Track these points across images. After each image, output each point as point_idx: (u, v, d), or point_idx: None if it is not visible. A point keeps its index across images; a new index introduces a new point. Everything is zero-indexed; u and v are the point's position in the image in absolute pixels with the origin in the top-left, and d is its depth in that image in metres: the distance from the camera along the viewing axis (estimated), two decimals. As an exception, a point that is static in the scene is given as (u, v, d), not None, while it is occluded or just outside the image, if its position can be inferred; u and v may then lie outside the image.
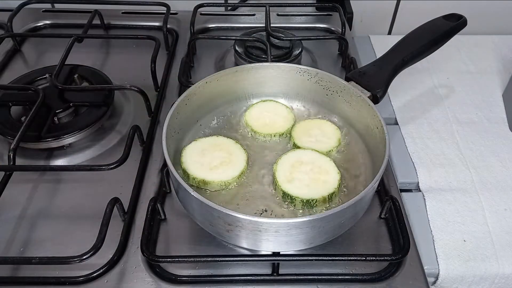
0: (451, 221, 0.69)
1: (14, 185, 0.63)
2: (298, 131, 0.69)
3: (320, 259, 0.56)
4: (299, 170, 0.61)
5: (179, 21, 1.04)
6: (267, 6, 0.97)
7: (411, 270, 0.57)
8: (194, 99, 0.67)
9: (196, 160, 0.63)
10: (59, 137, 0.71)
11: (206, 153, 0.64)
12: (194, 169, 0.61)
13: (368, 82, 0.67)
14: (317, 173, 0.61)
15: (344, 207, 0.49)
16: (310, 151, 0.65)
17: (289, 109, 0.73)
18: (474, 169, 0.77)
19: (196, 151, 0.64)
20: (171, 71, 0.89)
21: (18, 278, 0.56)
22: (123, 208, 0.61)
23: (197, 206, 0.53)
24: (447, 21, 0.73)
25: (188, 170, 0.61)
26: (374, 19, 1.15)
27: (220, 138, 0.67)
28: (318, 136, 0.68)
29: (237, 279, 0.56)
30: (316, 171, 0.61)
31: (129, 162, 0.64)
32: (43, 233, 0.61)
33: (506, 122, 0.86)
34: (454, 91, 0.93)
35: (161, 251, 0.59)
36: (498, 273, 0.64)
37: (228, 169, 0.62)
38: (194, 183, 0.61)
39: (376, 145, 0.62)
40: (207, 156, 0.63)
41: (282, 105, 0.73)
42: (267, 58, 0.82)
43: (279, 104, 0.73)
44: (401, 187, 0.73)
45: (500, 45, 1.06)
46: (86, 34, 0.91)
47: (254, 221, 0.49)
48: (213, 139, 0.67)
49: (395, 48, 0.71)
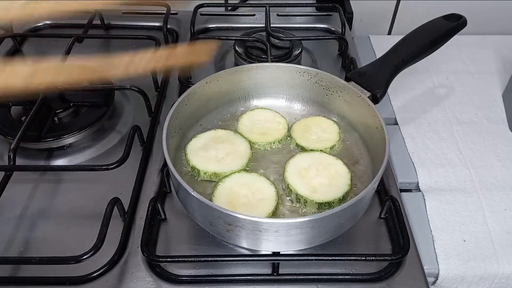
0: (451, 221, 0.69)
1: (14, 185, 0.63)
2: (298, 131, 0.69)
3: (320, 259, 0.56)
4: (310, 175, 0.61)
5: (179, 21, 1.04)
6: (267, 6, 0.97)
7: (411, 270, 0.57)
8: (194, 99, 0.67)
9: (202, 155, 0.64)
10: (59, 137, 0.71)
11: (209, 147, 0.65)
12: (203, 164, 0.62)
13: (368, 82, 0.67)
14: (329, 175, 0.62)
15: (344, 207, 0.50)
16: (317, 153, 0.65)
17: (278, 114, 0.72)
18: (474, 169, 0.77)
19: (199, 147, 0.65)
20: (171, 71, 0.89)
21: (18, 278, 0.56)
22: (123, 208, 0.61)
23: (197, 206, 0.53)
24: (447, 21, 0.73)
25: (198, 166, 0.62)
26: (374, 19, 1.15)
27: (219, 131, 0.68)
28: (318, 133, 0.69)
29: (237, 279, 0.56)
30: (327, 173, 0.62)
31: (129, 162, 0.64)
32: (43, 233, 0.61)
33: (506, 122, 0.86)
34: (454, 91, 0.93)
35: (161, 251, 0.59)
36: (498, 273, 0.64)
37: (235, 158, 0.64)
38: (205, 177, 0.62)
39: (376, 145, 0.62)
40: (212, 150, 0.64)
41: (270, 111, 0.73)
42: (267, 58, 0.82)
43: (268, 111, 0.73)
44: (401, 187, 0.73)
45: (500, 45, 1.06)
46: (86, 34, 0.91)
47: (254, 221, 0.49)
48: (212, 132, 0.68)
49: (395, 48, 0.71)
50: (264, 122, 0.71)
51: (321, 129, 0.69)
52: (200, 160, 0.63)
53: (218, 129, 0.69)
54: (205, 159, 0.63)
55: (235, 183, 0.60)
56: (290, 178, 0.61)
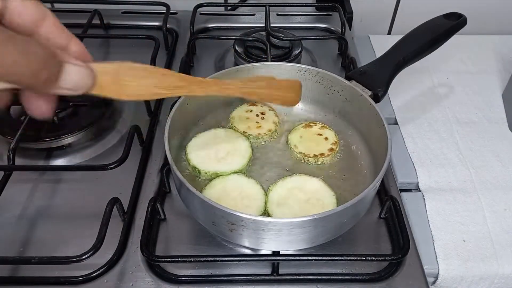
0: (451, 221, 0.69)
1: (14, 185, 0.63)
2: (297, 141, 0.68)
3: (320, 259, 0.56)
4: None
5: (179, 21, 1.04)
6: (267, 6, 0.97)
7: (411, 270, 0.57)
8: (195, 99, 0.67)
9: (202, 155, 0.64)
10: (58, 137, 0.71)
11: (209, 146, 0.65)
12: (204, 164, 0.62)
13: (369, 81, 0.67)
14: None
15: (346, 206, 0.49)
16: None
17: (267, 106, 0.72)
18: (473, 169, 0.77)
19: (200, 147, 0.65)
20: (171, 71, 0.89)
21: (18, 278, 0.56)
22: (123, 208, 0.61)
23: (200, 206, 0.53)
24: (447, 20, 0.73)
25: (199, 166, 0.62)
26: (374, 19, 1.15)
27: (219, 130, 0.68)
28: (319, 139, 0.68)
29: (237, 279, 0.56)
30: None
31: (129, 162, 0.64)
32: (43, 233, 0.61)
33: (506, 122, 0.86)
34: (454, 91, 0.93)
35: (160, 251, 0.59)
36: (498, 273, 0.64)
37: (236, 158, 0.64)
38: (206, 177, 0.62)
39: (377, 144, 0.62)
40: (212, 149, 0.64)
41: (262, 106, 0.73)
42: (267, 58, 0.82)
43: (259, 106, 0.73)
44: (401, 187, 0.73)
45: (500, 45, 1.06)
46: (86, 33, 0.91)
47: (258, 221, 0.49)
48: (212, 132, 0.68)
49: (396, 47, 0.71)
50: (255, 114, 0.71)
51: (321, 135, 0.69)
52: (200, 159, 0.63)
53: (218, 128, 0.69)
54: (207, 158, 0.63)
55: (231, 183, 0.60)
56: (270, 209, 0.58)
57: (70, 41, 0.38)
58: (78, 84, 0.36)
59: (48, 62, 0.32)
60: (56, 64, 0.33)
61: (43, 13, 0.36)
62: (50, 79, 0.33)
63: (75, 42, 0.39)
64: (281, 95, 0.60)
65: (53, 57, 0.33)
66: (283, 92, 0.60)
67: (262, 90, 0.58)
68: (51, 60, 0.33)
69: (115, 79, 0.39)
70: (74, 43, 0.39)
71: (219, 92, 0.52)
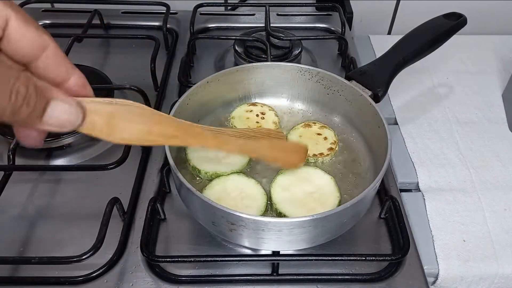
0: (451, 221, 0.69)
1: (14, 185, 0.63)
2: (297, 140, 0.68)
3: (320, 259, 0.56)
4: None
5: (179, 21, 1.04)
6: (267, 6, 0.97)
7: (411, 270, 0.57)
8: (195, 99, 0.66)
9: (202, 155, 0.63)
10: (58, 137, 0.71)
11: None
12: (204, 164, 0.62)
13: (369, 81, 0.67)
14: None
15: (347, 206, 0.49)
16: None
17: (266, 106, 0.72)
18: (473, 169, 0.77)
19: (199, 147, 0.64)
20: (170, 71, 0.89)
21: (18, 278, 0.56)
22: (123, 208, 0.61)
23: (200, 206, 0.53)
24: (447, 20, 0.73)
25: (199, 166, 0.62)
26: (374, 19, 1.15)
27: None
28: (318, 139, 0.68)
29: (237, 279, 0.56)
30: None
31: (129, 162, 0.64)
32: (42, 233, 0.61)
33: (506, 122, 0.86)
34: (454, 91, 0.93)
35: (160, 251, 0.59)
36: (498, 273, 0.64)
37: (236, 158, 0.63)
38: (206, 177, 0.62)
39: (377, 144, 0.62)
40: None
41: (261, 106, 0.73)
42: (267, 58, 0.82)
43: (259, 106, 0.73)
44: (400, 187, 0.73)
45: (500, 45, 1.06)
46: (86, 34, 0.91)
47: (258, 221, 0.49)
48: None
49: (396, 47, 0.71)
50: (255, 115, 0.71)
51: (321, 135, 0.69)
52: (201, 160, 0.63)
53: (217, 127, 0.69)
54: (207, 158, 0.63)
55: (231, 183, 0.60)
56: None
57: (70, 73, 0.37)
58: (63, 122, 0.35)
59: (30, 99, 0.32)
60: (41, 101, 0.33)
61: (44, 42, 0.35)
62: (33, 116, 0.32)
63: (75, 74, 0.38)
64: (283, 158, 0.58)
65: (38, 94, 0.32)
66: (286, 154, 0.59)
67: (264, 152, 0.56)
68: (35, 97, 0.32)
69: (107, 121, 0.38)
70: (74, 75, 0.37)
71: (217, 148, 0.52)
